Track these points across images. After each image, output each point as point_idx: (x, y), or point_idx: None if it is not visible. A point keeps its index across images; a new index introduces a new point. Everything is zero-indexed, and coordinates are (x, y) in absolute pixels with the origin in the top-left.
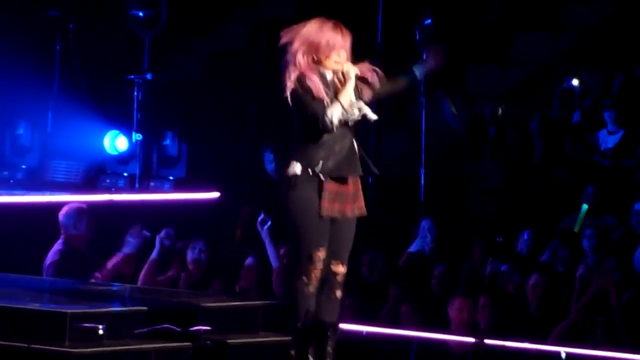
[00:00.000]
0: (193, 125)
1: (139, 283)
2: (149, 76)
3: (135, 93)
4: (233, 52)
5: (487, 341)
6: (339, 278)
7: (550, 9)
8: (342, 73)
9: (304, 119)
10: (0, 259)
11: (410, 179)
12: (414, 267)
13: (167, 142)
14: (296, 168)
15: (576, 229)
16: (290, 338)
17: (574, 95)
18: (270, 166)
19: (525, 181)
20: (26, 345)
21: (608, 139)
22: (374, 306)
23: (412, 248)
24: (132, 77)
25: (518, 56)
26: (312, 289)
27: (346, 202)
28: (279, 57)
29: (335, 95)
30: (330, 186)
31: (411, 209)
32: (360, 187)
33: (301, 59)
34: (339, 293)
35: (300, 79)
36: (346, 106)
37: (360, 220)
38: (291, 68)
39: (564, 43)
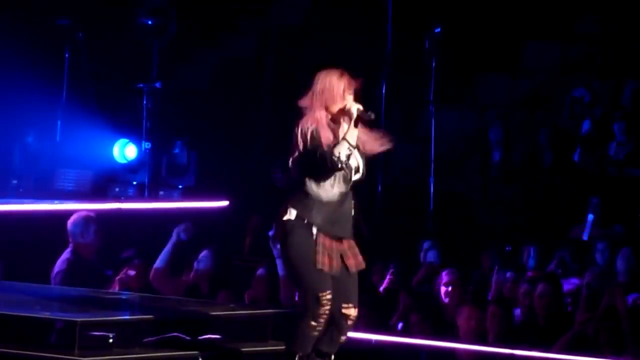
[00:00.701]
0: (202, 133)
1: (152, 273)
2: (158, 85)
3: (145, 102)
4: (242, 60)
5: (495, 350)
6: (350, 322)
7: (560, 18)
8: (345, 110)
9: (308, 169)
10: (10, 268)
11: (419, 188)
12: (424, 276)
13: (177, 150)
14: (291, 214)
15: (585, 238)
16: None
17: (583, 105)
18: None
19: (534, 191)
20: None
21: (618, 150)
22: (384, 315)
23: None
24: (141, 85)
25: (527, 65)
26: (317, 333)
27: (347, 258)
28: (288, 65)
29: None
30: (323, 240)
31: (420, 217)
32: (354, 243)
33: (318, 113)
34: (344, 338)
35: (316, 132)
36: (352, 143)
37: (370, 229)
38: (308, 121)
39: (574, 52)
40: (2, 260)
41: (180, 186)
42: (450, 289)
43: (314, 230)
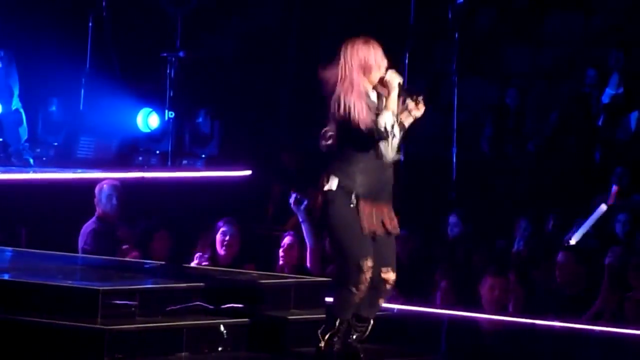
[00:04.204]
0: (226, 103)
1: None
2: (182, 54)
3: (168, 71)
4: (266, 29)
5: (516, 319)
6: (389, 286)
7: None
8: (385, 81)
9: (351, 140)
10: (33, 236)
11: (442, 157)
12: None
13: (200, 120)
14: (333, 184)
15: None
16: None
17: (605, 76)
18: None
19: (557, 161)
20: (59, 322)
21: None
22: (406, 284)
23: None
24: (165, 54)
25: (550, 36)
26: (357, 299)
27: (384, 220)
28: (312, 34)
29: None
30: (363, 206)
31: (443, 187)
32: (391, 207)
33: (358, 83)
34: (383, 301)
35: (351, 100)
36: (395, 111)
37: (393, 198)
38: (348, 93)
39: (596, 24)
40: (25, 229)
41: (203, 155)
42: (475, 259)
43: (354, 198)
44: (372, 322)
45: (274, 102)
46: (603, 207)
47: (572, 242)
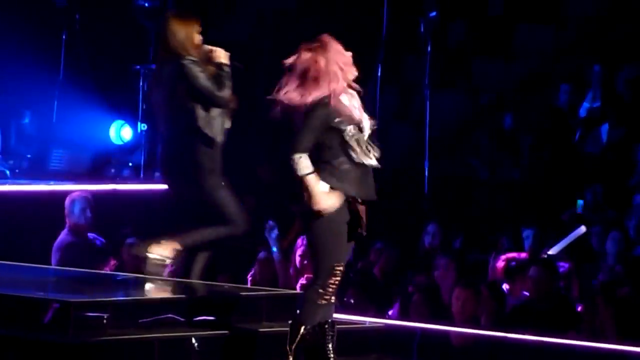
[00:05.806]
0: None
1: None
2: (154, 67)
3: (141, 83)
4: (238, 43)
5: (487, 333)
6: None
7: (552, 1)
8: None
9: (328, 143)
10: (5, 248)
11: (414, 170)
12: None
13: None
14: (324, 186)
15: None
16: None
17: (579, 89)
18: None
19: (530, 174)
20: (30, 334)
21: (612, 133)
22: (378, 297)
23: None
24: (138, 67)
25: (521, 49)
26: (325, 302)
27: (363, 220)
28: (285, 49)
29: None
30: (357, 206)
31: (415, 200)
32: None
33: (340, 78)
34: (333, 298)
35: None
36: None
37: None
38: (330, 86)
39: (568, 36)
40: None
41: None
42: (444, 272)
43: (357, 200)
44: (335, 328)
45: (246, 116)
46: (582, 229)
47: (549, 254)
